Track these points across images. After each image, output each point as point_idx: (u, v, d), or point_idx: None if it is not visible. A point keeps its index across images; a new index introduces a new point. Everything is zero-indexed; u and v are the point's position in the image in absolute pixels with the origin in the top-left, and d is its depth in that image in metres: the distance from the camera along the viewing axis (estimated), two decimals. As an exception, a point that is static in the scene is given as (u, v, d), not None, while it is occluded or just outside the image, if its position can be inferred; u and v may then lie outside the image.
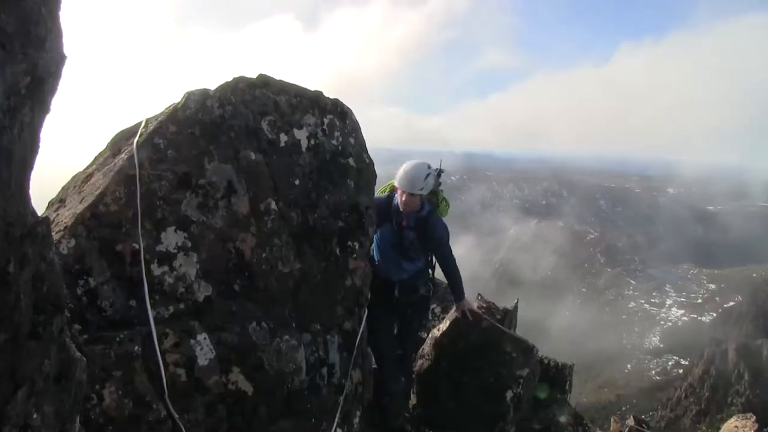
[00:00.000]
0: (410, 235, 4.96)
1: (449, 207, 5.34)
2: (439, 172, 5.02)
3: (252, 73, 3.70)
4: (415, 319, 5.50)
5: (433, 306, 7.57)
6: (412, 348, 5.82)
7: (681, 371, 61.34)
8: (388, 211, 4.96)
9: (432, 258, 5.32)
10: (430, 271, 5.40)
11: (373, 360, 5.03)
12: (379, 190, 5.24)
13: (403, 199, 4.77)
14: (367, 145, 4.41)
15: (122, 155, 3.08)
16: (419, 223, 4.93)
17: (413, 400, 5.92)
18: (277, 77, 3.80)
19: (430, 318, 7.37)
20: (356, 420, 4.33)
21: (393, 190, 5.08)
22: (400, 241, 4.99)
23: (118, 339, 2.62)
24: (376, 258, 5.10)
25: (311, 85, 4.02)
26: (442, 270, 5.31)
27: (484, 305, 7.15)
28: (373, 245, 5.05)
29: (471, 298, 6.40)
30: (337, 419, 3.93)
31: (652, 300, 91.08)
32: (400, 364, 5.48)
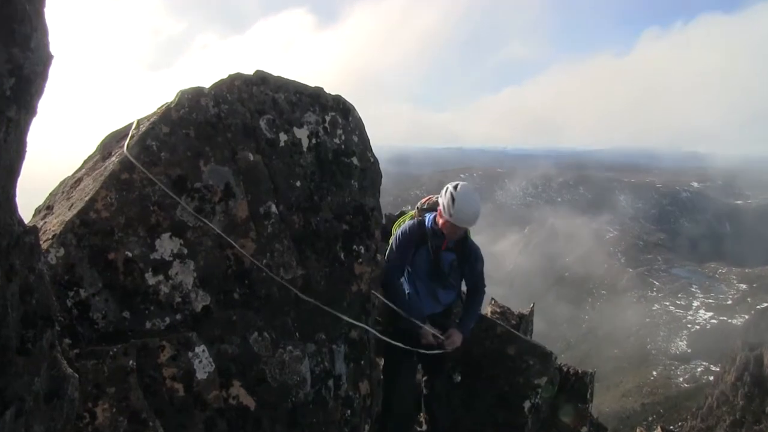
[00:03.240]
0: (449, 257, 4.80)
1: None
2: None
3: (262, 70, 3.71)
4: (445, 360, 5.21)
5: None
6: (444, 389, 5.52)
7: (711, 378, 60.80)
8: (421, 235, 4.79)
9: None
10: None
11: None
12: (396, 224, 5.17)
13: (456, 233, 4.64)
14: (375, 143, 4.39)
15: (113, 158, 3.09)
16: (458, 244, 4.81)
17: (423, 410, 5.90)
18: (286, 75, 3.80)
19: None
20: (365, 434, 4.32)
21: (414, 216, 4.98)
22: (437, 266, 4.80)
23: (111, 353, 2.62)
24: (407, 290, 4.91)
25: (322, 83, 4.01)
26: (468, 299, 5.09)
27: (498, 310, 7.13)
28: (404, 278, 4.93)
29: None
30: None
31: (678, 302, 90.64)
32: (431, 408, 5.30)
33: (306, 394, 3.59)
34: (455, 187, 4.55)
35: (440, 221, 4.66)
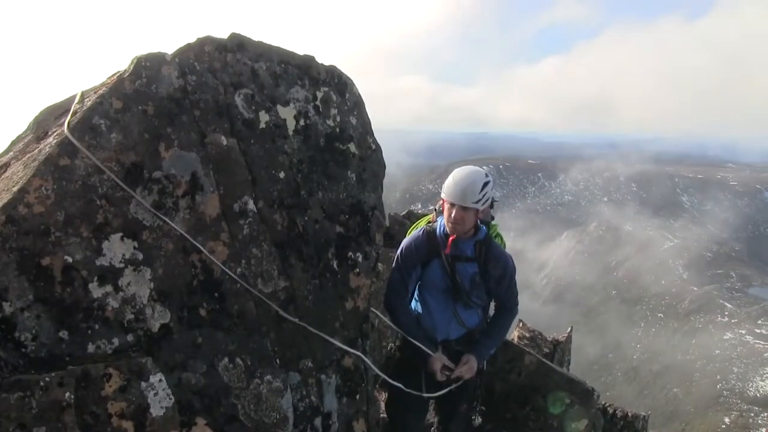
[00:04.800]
0: (470, 270, 4.68)
1: (506, 248, 5.18)
2: (493, 201, 4.95)
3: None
4: (461, 398, 5.07)
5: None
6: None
7: (803, 429, 60.28)
8: (432, 244, 4.69)
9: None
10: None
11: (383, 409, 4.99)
12: (409, 231, 5.15)
13: (453, 216, 4.48)
14: (382, 126, 4.36)
15: (50, 139, 3.08)
16: (479, 252, 4.69)
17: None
18: (271, 40, 3.82)
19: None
20: (360, 487, 4.32)
21: (432, 220, 4.93)
22: (453, 280, 4.69)
23: (42, 383, 2.60)
24: (418, 310, 4.87)
25: (331, 58, 4.01)
26: (492, 319, 5.00)
27: (528, 335, 7.13)
28: (415, 296, 4.91)
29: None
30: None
31: (757, 330, 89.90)
32: None
33: (287, 437, 3.59)
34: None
35: (444, 218, 4.66)
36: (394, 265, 4.79)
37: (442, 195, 4.52)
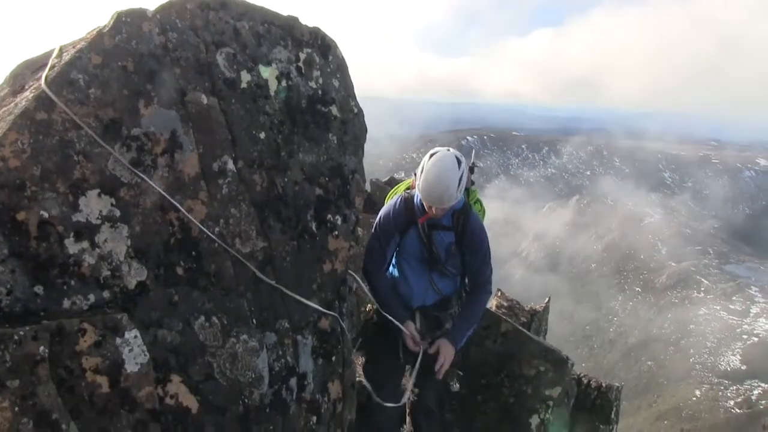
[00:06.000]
0: (446, 239, 4.74)
1: (486, 213, 5.17)
2: (472, 167, 4.94)
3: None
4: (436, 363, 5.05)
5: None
6: (435, 399, 5.40)
7: (772, 403, 61.25)
8: (410, 213, 4.75)
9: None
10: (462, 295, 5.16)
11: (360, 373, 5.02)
12: (388, 196, 5.15)
13: (433, 211, 4.54)
14: (370, 93, 4.35)
15: (26, 93, 3.04)
16: (456, 221, 4.72)
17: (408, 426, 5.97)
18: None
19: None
20: (334, 448, 4.37)
21: (411, 186, 4.88)
22: (430, 248, 4.78)
23: (16, 337, 2.58)
24: (395, 277, 4.94)
25: (317, 22, 3.97)
26: (465, 300, 5.03)
27: (506, 304, 7.19)
28: (392, 263, 4.97)
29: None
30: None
31: (732, 306, 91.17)
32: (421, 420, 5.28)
33: (262, 395, 3.61)
34: (432, 156, 4.52)
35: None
36: (372, 232, 4.82)
37: (418, 190, 4.52)
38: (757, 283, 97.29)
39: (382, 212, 4.80)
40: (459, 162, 4.44)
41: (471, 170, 4.90)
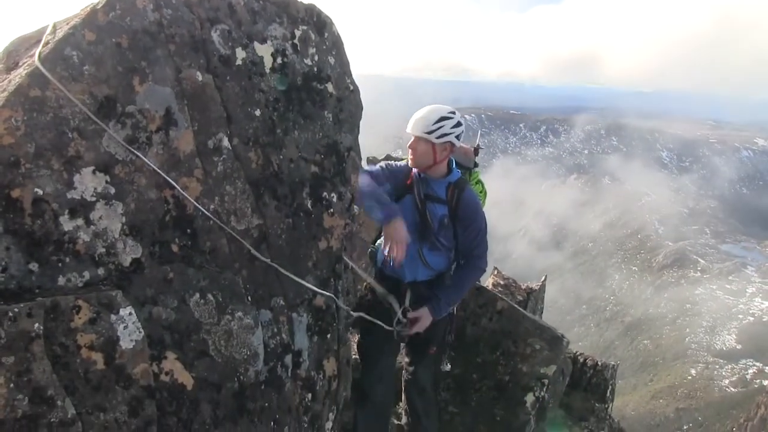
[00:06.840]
0: (440, 211, 4.71)
1: (487, 196, 5.15)
2: (477, 149, 4.94)
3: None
4: (430, 341, 5.11)
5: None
6: (429, 378, 5.38)
7: (765, 382, 61.49)
8: (407, 176, 4.77)
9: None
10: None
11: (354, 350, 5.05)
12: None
13: (410, 146, 4.58)
14: (372, 71, 4.36)
15: (20, 70, 3.02)
16: (451, 194, 4.71)
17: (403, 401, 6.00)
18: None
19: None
20: (329, 424, 4.40)
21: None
22: (423, 219, 4.73)
23: (11, 314, 2.59)
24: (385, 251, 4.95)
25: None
26: (456, 273, 4.98)
27: (502, 282, 7.21)
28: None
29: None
30: (304, 423, 3.99)
31: (728, 286, 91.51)
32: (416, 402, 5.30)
33: (257, 372, 3.63)
34: None
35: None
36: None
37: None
38: (754, 263, 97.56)
39: (389, 169, 4.79)
40: (452, 112, 4.55)
41: (476, 152, 4.94)
